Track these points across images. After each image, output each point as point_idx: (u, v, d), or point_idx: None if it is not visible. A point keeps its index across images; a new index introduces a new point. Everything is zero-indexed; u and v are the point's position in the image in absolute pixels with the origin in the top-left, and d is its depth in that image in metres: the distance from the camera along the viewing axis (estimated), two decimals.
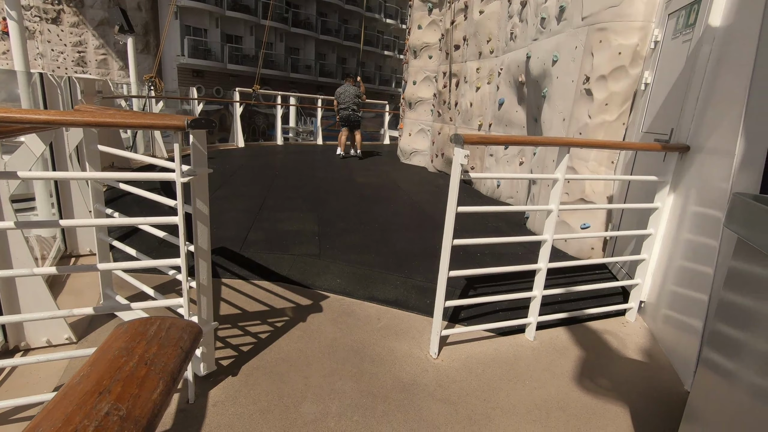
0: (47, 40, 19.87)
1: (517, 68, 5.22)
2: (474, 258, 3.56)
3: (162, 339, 0.60)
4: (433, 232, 4.19)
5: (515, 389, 2.28)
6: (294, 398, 2.05)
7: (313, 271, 3.32)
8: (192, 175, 1.75)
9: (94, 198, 2.42)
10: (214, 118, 3.61)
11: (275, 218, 4.43)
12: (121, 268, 2.02)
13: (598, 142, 2.95)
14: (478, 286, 3.16)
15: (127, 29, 8.81)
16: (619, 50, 3.46)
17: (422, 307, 2.94)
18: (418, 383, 2.24)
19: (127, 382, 0.51)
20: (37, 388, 2.02)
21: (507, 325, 2.71)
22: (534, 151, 4.63)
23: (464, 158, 2.17)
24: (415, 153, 8.94)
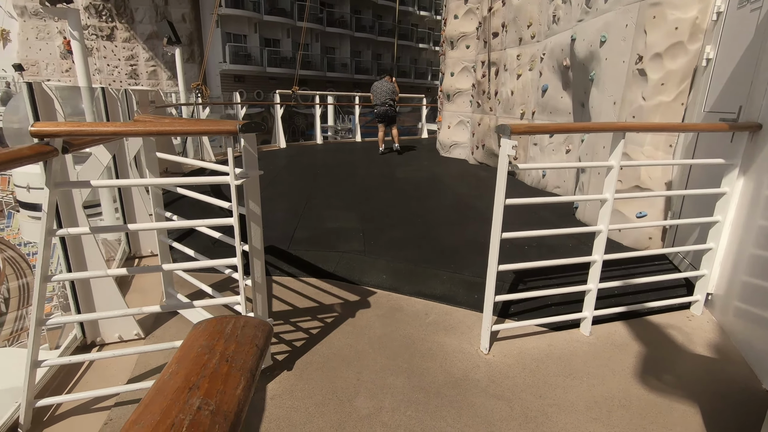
0: (103, 56, 21.28)
1: (561, 52, 5.00)
2: (522, 251, 3.47)
3: (238, 337, 0.63)
4: (478, 225, 4.12)
5: (572, 386, 2.20)
6: (347, 393, 2.09)
7: (359, 268, 3.36)
8: (245, 178, 1.81)
9: (154, 202, 2.57)
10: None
11: (319, 216, 4.53)
12: (182, 268, 2.14)
13: (656, 125, 2.78)
14: (527, 279, 3.07)
15: (174, 41, 9.27)
16: (676, 25, 3.23)
17: (470, 301, 2.90)
18: (469, 379, 2.22)
19: (213, 378, 0.54)
20: (112, 381, 2.18)
21: (560, 320, 2.61)
22: (582, 137, 4.43)
23: (512, 149, 2.11)
24: (454, 145, 8.81)
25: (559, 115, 5.16)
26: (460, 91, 8.58)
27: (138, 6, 21.22)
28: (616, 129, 2.35)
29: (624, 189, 3.56)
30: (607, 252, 2.58)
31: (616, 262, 2.96)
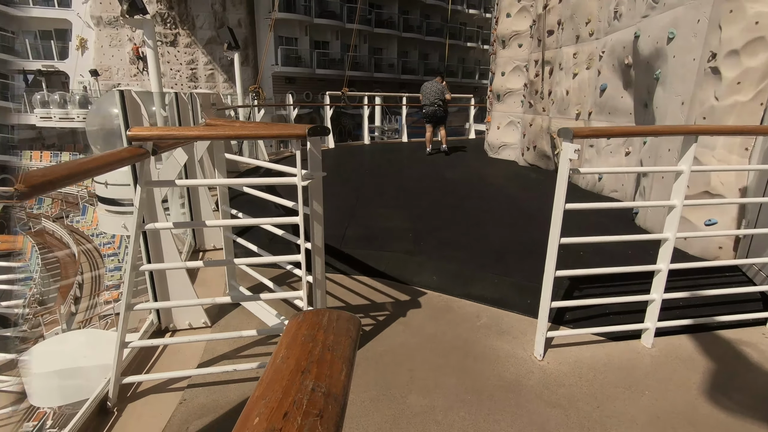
0: (167, 61, 22.73)
1: (623, 50, 4.78)
2: (577, 257, 3.36)
3: (335, 329, 0.69)
4: (530, 228, 4.05)
5: (633, 398, 2.13)
6: (401, 390, 2.14)
7: (409, 268, 3.41)
8: (310, 179, 1.91)
9: (221, 200, 2.75)
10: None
11: (369, 216, 4.62)
12: (249, 263, 2.28)
13: (735, 127, 2.61)
14: (583, 286, 2.98)
15: (234, 46, 9.77)
16: (756, 19, 3.01)
17: (523, 306, 2.86)
18: (523, 384, 2.20)
19: (320, 364, 0.60)
20: (183, 364, 2.36)
21: (620, 330, 2.52)
22: (644, 140, 4.22)
23: (574, 153, 2.07)
24: (504, 147, 8.64)
25: (619, 116, 4.94)
26: (511, 90, 8.40)
27: (199, 13, 22.45)
28: (689, 132, 2.23)
29: (691, 195, 3.36)
30: (673, 261, 2.46)
31: (681, 272, 2.81)
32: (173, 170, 2.77)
